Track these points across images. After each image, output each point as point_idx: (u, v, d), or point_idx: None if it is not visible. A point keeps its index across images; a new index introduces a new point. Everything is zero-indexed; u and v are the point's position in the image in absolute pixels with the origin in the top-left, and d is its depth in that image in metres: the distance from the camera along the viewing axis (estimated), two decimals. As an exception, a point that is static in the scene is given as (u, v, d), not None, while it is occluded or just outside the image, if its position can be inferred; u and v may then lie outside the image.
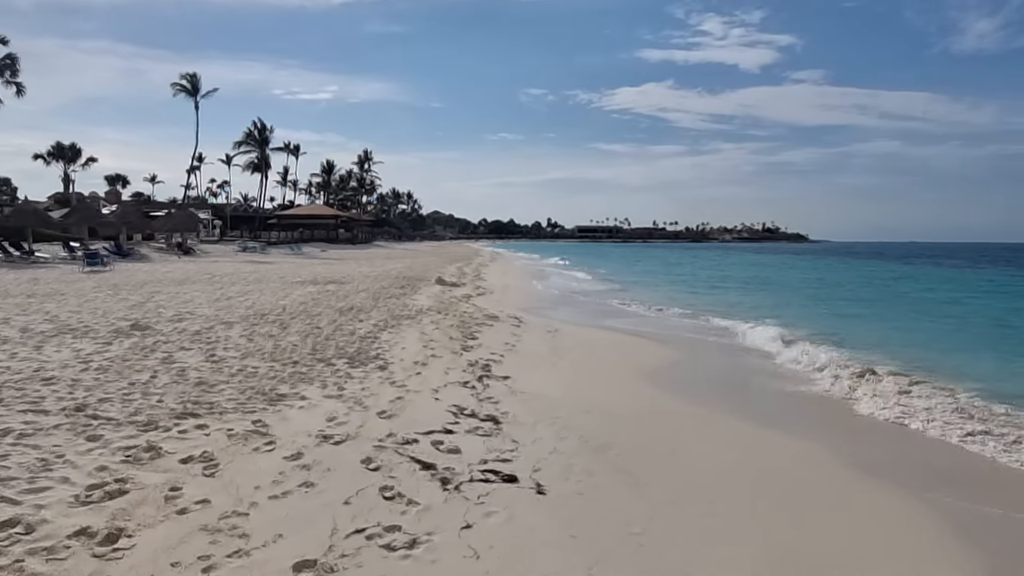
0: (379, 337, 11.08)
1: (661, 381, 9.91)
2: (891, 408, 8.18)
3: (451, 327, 12.79)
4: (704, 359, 12.17)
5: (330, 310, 14.38)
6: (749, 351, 12.78)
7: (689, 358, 12.06)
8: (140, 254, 41.44)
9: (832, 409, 8.51)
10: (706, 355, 12.52)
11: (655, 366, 10.97)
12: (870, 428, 7.71)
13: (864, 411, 8.27)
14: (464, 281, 26.91)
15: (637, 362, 11.51)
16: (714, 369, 11.39)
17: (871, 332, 15.32)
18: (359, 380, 8.07)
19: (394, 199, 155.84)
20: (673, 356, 12.10)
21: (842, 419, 8.07)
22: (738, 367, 11.27)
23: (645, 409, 8.21)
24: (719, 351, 12.81)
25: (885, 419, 7.92)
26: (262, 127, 75.30)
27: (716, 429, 7.44)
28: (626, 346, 13.24)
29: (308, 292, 18.95)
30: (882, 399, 8.56)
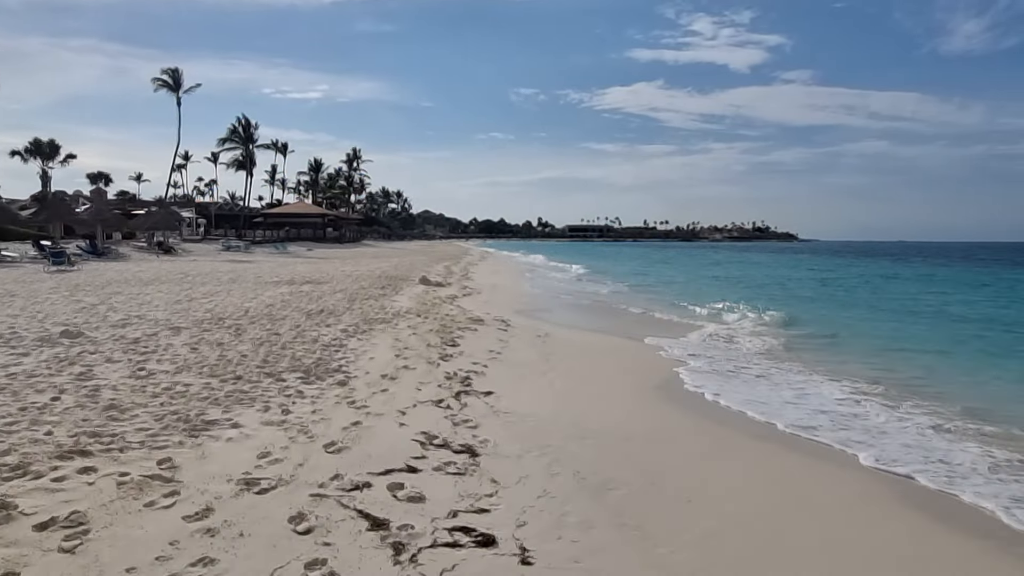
0: (345, 345, 9.75)
1: (669, 392, 8.64)
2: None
3: (430, 332, 11.48)
4: (717, 364, 10.91)
5: (297, 313, 13.03)
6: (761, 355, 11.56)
7: (697, 362, 10.81)
8: (118, 253, 39.86)
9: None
10: (717, 357, 11.27)
11: (661, 374, 9.71)
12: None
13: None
14: (450, 281, 25.59)
15: (639, 370, 10.25)
16: (732, 377, 10.14)
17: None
18: (311, 400, 6.74)
19: (384, 198, 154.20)
20: (678, 359, 10.86)
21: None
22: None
23: (653, 430, 6.93)
24: (729, 352, 11.58)
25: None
26: (247, 123, 73.60)
27: (744, 457, 6.17)
28: (626, 351, 11.98)
29: (280, 293, 17.58)
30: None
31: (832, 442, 6.72)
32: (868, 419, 7.57)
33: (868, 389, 8.97)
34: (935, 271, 47.63)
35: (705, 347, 12.54)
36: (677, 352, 11.71)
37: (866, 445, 6.58)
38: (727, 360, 11.18)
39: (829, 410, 7.87)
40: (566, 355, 11.08)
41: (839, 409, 7.93)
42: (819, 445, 6.67)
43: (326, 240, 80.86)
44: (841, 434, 6.94)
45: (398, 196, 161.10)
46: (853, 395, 8.65)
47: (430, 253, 61.27)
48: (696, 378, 9.60)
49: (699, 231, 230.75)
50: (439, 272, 30.54)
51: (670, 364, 10.69)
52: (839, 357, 11.71)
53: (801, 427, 7.19)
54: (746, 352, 12.05)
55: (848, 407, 8.06)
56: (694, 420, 7.48)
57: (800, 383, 9.40)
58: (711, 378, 9.62)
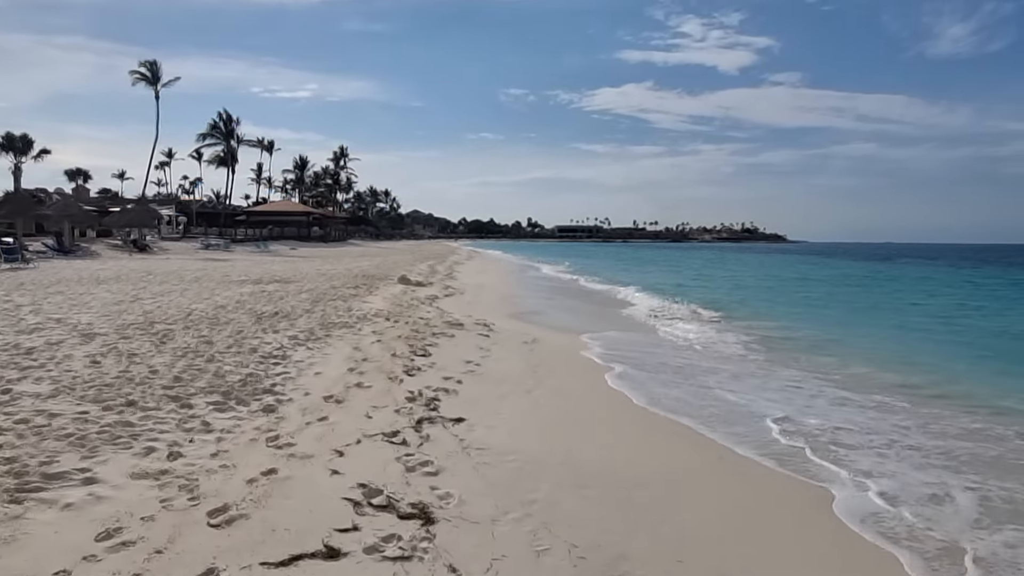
0: (289, 356, 8.05)
1: (686, 411, 7.03)
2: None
3: (398, 339, 9.82)
4: (739, 382, 9.30)
5: (247, 316, 11.31)
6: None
7: (716, 377, 9.21)
8: (88, 251, 37.97)
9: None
10: (737, 370, 9.67)
11: (675, 390, 8.10)
12: None
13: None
14: (432, 280, 23.90)
15: (646, 382, 8.65)
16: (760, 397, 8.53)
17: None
18: (218, 436, 5.06)
19: (372, 197, 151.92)
20: (693, 370, 9.26)
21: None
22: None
23: (672, 470, 5.31)
24: (744, 362, 10.00)
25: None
26: (228, 118, 71.38)
27: (795, 507, 4.55)
28: (630, 360, 10.37)
29: (240, 293, 15.85)
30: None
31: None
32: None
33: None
34: (902, 271, 47.92)
35: (718, 358, 10.96)
36: (693, 361, 10.11)
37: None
38: (753, 378, 9.61)
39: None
40: (557, 365, 9.46)
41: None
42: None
43: (311, 239, 78.91)
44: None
45: (386, 195, 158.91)
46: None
47: (416, 252, 59.50)
48: (725, 394, 8.00)
49: (688, 232, 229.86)
50: (422, 271, 28.84)
51: (689, 377, 9.08)
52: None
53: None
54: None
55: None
56: (727, 456, 5.87)
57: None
58: (741, 393, 8.02)
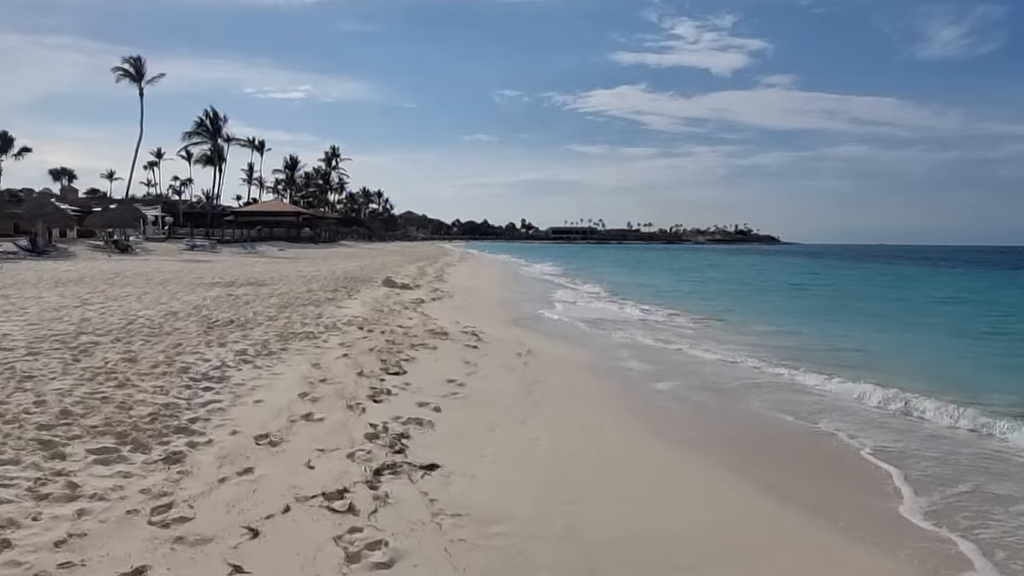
0: (229, 377, 6.55)
1: (727, 448, 5.59)
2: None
3: (370, 353, 8.34)
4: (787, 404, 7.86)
5: (198, 325, 9.80)
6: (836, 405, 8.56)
7: (745, 401, 7.78)
8: (64, 252, 36.39)
9: None
10: (769, 399, 8.23)
11: (706, 420, 6.67)
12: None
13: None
14: (420, 283, 22.42)
15: (668, 406, 7.22)
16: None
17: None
18: (80, 507, 3.57)
19: (364, 198, 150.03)
20: (721, 390, 7.83)
21: None
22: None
23: (718, 535, 3.86)
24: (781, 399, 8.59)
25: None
26: (215, 116, 69.42)
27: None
28: (641, 376, 8.93)
29: (204, 297, 14.34)
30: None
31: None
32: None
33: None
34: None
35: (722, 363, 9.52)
36: (713, 370, 8.69)
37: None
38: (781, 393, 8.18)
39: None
40: (556, 382, 8.02)
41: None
42: None
43: (300, 240, 77.27)
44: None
45: (379, 196, 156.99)
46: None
47: (408, 253, 58.00)
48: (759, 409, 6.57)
49: (682, 234, 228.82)
50: (410, 273, 27.35)
51: (715, 394, 7.65)
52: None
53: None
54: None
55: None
56: (778, 506, 4.44)
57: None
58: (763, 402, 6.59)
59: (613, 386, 8.34)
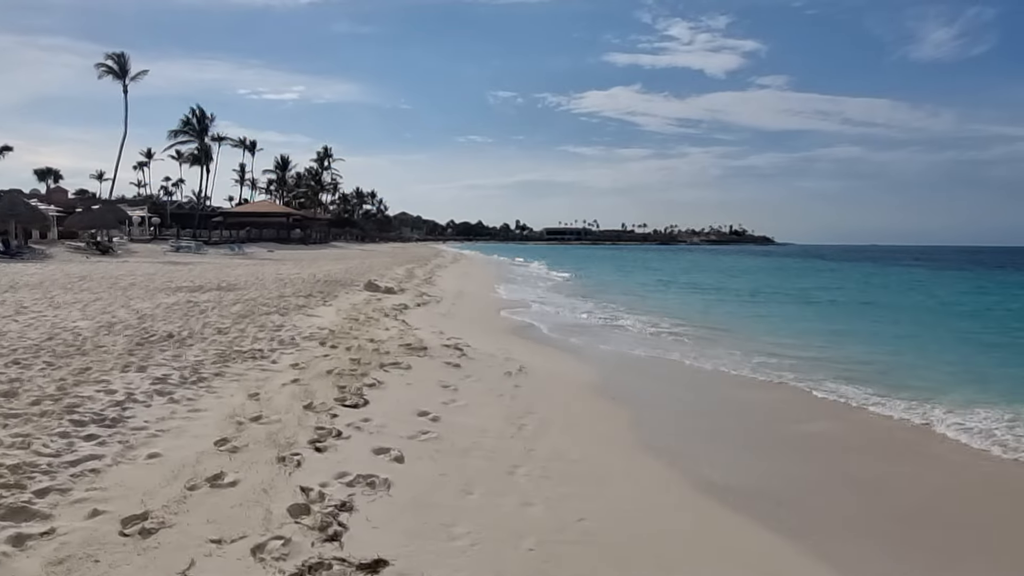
0: (128, 418, 5.03)
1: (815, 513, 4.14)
2: None
3: (327, 377, 6.87)
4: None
5: (128, 340, 8.27)
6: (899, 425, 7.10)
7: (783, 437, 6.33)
8: (40, 253, 34.83)
9: None
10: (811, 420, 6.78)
11: (763, 462, 5.22)
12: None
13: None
14: (406, 287, 20.93)
15: (701, 441, 5.76)
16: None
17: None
18: None
19: (358, 199, 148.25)
20: (775, 419, 6.38)
21: None
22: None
23: None
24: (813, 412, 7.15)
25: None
26: (201, 115, 67.55)
27: None
28: (662, 401, 7.47)
29: (158, 305, 12.84)
30: None
31: None
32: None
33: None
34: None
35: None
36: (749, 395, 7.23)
37: None
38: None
39: None
40: (554, 413, 6.56)
41: None
42: None
43: (291, 241, 75.69)
44: None
45: (372, 197, 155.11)
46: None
47: (399, 255, 56.48)
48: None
49: (677, 234, 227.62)
50: (397, 276, 25.86)
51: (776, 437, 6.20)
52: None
53: None
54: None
55: None
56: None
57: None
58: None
59: (626, 416, 6.88)
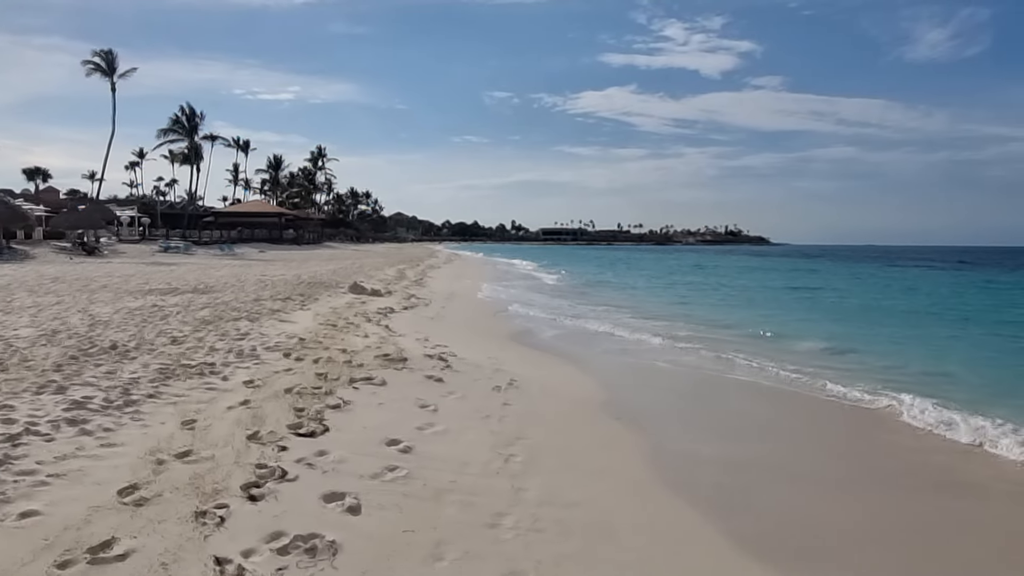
0: (15, 458, 4.07)
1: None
2: None
3: (284, 396, 5.90)
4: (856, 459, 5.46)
5: (65, 351, 7.30)
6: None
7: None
8: (21, 253, 33.81)
9: None
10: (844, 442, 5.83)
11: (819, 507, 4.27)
12: None
13: None
14: (394, 288, 19.95)
15: (731, 475, 4.79)
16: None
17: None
18: None
19: (352, 199, 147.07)
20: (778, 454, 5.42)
21: None
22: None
23: None
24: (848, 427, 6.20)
25: None
26: (191, 113, 66.36)
27: None
28: (677, 424, 6.51)
29: (118, 309, 11.86)
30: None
31: None
32: None
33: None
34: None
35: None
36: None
37: None
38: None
39: None
40: (548, 439, 5.60)
41: None
42: None
43: (283, 241, 74.59)
44: None
45: (367, 197, 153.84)
46: None
47: (392, 256, 55.47)
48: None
49: (673, 235, 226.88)
50: (386, 277, 24.88)
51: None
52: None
53: None
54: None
55: None
56: None
57: None
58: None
59: (637, 442, 5.91)
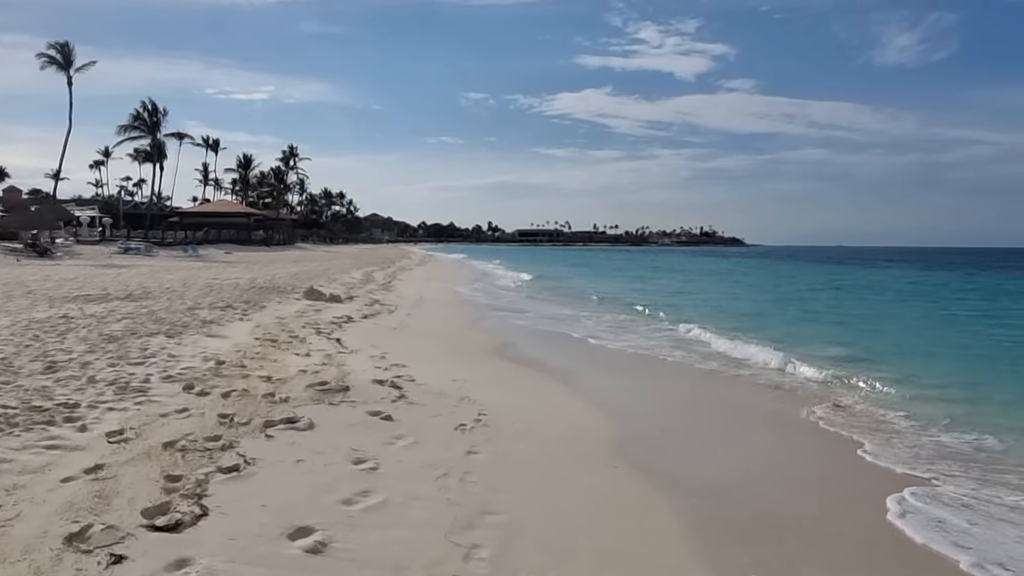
0: None
1: None
2: None
3: (159, 456, 4.26)
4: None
5: None
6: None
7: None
8: (-39, 256, 31.45)
9: None
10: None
11: None
12: None
13: None
14: (358, 293, 18.24)
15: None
16: None
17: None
18: None
19: (326, 200, 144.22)
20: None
21: None
22: None
23: None
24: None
25: None
26: (153, 109, 63.54)
27: None
28: (700, 475, 4.97)
29: (18, 321, 10.07)
30: None
31: None
32: None
33: None
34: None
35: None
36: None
37: None
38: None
39: None
40: (532, 513, 4.01)
41: None
42: None
43: (252, 242, 72.15)
44: None
45: (341, 198, 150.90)
46: None
47: (364, 257, 53.56)
48: None
49: (648, 236, 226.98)
50: (351, 281, 23.12)
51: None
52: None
53: None
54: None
55: None
56: None
57: None
58: None
59: (663, 503, 4.35)
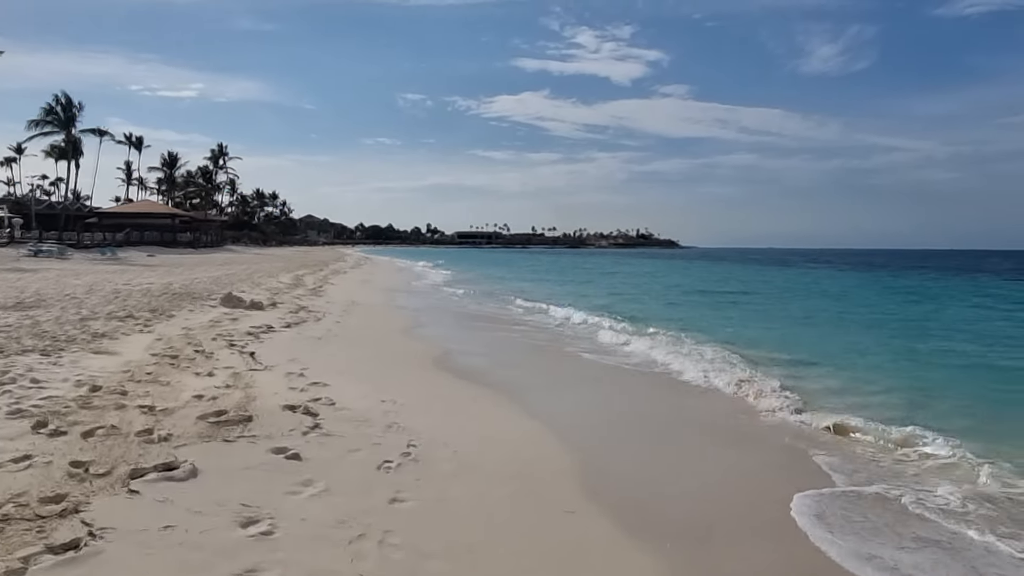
0: None
1: None
2: None
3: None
4: None
5: None
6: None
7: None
8: None
9: None
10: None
11: None
12: None
13: None
14: (283, 299, 16.94)
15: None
16: None
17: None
18: None
19: (258, 200, 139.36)
20: None
21: None
22: None
23: None
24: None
25: None
26: (67, 103, 59.69)
27: None
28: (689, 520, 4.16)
29: None
30: None
31: None
32: None
33: None
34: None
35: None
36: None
37: None
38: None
39: None
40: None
41: None
42: None
43: (177, 244, 68.73)
44: None
45: (274, 199, 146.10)
46: None
47: (296, 259, 51.52)
48: None
49: (586, 238, 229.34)
50: (278, 285, 21.68)
51: None
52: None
53: None
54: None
55: None
56: None
57: None
58: None
59: (625, 556, 3.52)
